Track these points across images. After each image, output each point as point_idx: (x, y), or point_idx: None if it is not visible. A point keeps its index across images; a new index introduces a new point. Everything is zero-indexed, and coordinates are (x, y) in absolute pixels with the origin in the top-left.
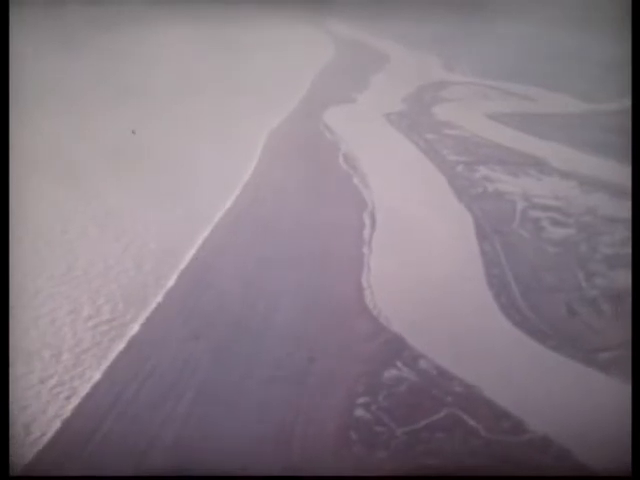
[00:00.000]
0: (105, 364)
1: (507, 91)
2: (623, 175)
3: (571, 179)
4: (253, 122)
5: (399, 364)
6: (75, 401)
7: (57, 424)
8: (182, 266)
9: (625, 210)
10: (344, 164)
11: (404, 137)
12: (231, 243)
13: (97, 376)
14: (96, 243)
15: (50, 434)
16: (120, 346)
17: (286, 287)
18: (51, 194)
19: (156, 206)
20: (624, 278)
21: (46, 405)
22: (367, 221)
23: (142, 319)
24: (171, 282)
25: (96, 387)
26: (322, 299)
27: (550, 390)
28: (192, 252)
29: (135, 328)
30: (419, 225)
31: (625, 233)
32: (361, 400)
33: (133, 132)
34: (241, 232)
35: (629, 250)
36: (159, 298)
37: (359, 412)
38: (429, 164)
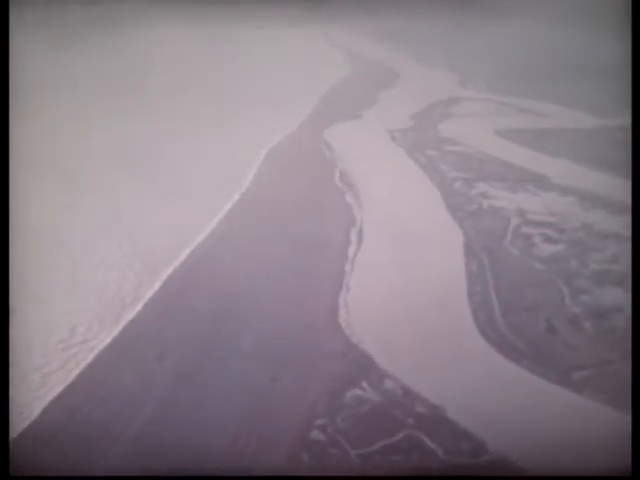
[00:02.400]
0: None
1: (520, 107)
2: (625, 191)
3: (570, 195)
4: (252, 138)
5: (364, 384)
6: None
7: None
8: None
9: (621, 226)
10: (339, 182)
11: (405, 154)
12: (209, 262)
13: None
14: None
15: None
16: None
17: (260, 306)
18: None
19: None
20: (610, 295)
21: None
22: (354, 238)
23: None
24: (143, 302)
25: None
26: (294, 318)
27: (516, 410)
28: (168, 271)
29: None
30: (406, 243)
31: (617, 249)
32: (319, 421)
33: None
34: (220, 251)
35: (619, 266)
36: (131, 315)
37: (314, 434)
38: (427, 181)
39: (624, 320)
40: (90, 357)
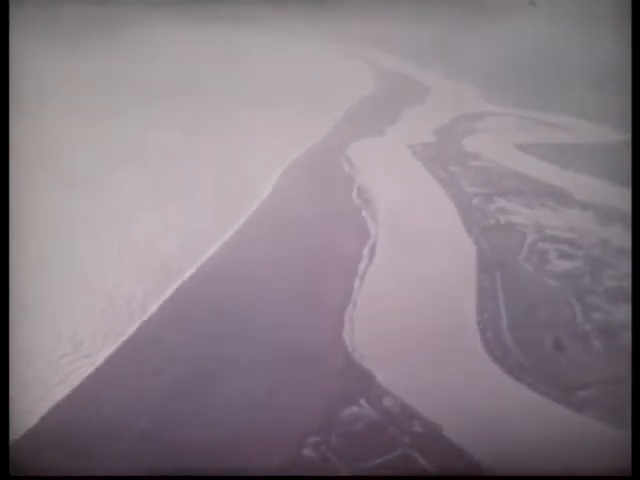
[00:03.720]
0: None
1: (545, 121)
2: None
3: (591, 210)
4: (267, 154)
5: (362, 401)
6: None
7: None
8: (165, 296)
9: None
10: (356, 197)
11: (425, 169)
12: (217, 278)
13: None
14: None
15: None
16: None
17: (263, 321)
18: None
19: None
20: (623, 312)
21: None
22: (366, 254)
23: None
24: (149, 313)
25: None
26: (297, 333)
27: (515, 429)
28: (176, 285)
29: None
30: (418, 260)
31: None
32: (312, 439)
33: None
34: (231, 267)
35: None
36: (133, 329)
37: (307, 451)
38: (445, 196)
39: None
40: (87, 367)
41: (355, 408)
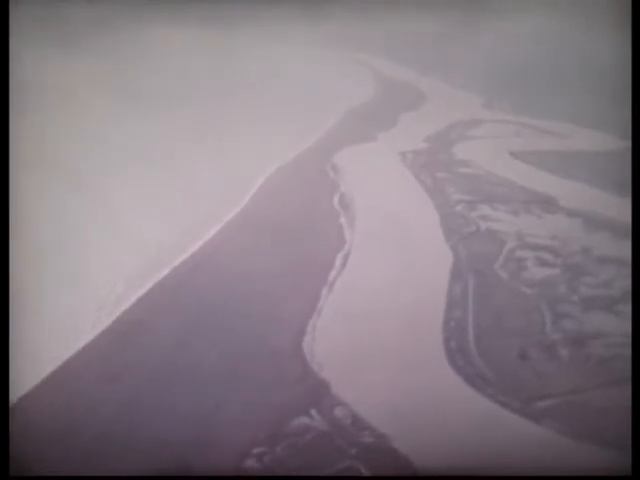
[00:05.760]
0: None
1: (542, 128)
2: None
3: (577, 217)
4: (262, 152)
5: (313, 412)
6: None
7: None
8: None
9: (623, 249)
10: (338, 204)
11: (412, 176)
12: (185, 284)
13: None
14: None
15: None
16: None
17: (225, 330)
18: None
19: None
20: (594, 320)
21: None
22: (338, 262)
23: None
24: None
25: None
26: (257, 342)
27: (468, 440)
28: (141, 293)
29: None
30: (390, 268)
31: (614, 273)
32: (256, 450)
33: None
34: (201, 272)
35: (612, 291)
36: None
37: (249, 462)
38: (428, 203)
39: (601, 347)
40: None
41: (305, 419)
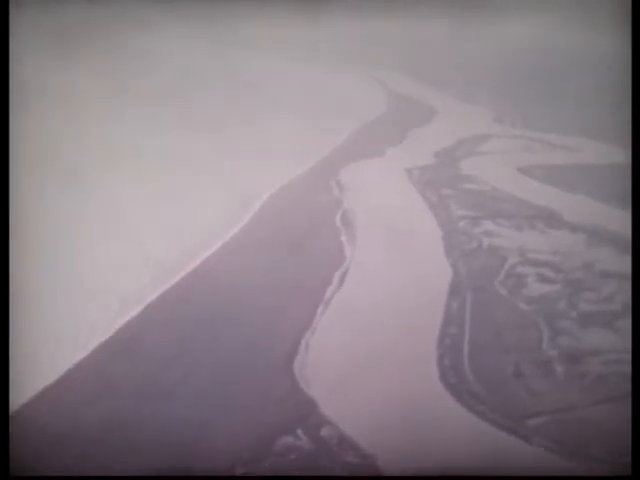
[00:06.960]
0: None
1: (553, 143)
2: None
3: (580, 233)
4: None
5: (299, 431)
6: None
7: None
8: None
9: (625, 264)
10: (339, 221)
11: (417, 192)
12: (183, 300)
13: None
14: None
15: None
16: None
17: (218, 348)
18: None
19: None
20: (593, 337)
21: None
22: (336, 280)
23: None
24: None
25: None
26: (250, 360)
27: (455, 458)
28: (139, 309)
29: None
30: (388, 286)
31: (615, 287)
32: (239, 470)
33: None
34: (199, 287)
35: (612, 306)
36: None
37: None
38: (432, 219)
39: (598, 365)
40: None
41: (290, 439)
